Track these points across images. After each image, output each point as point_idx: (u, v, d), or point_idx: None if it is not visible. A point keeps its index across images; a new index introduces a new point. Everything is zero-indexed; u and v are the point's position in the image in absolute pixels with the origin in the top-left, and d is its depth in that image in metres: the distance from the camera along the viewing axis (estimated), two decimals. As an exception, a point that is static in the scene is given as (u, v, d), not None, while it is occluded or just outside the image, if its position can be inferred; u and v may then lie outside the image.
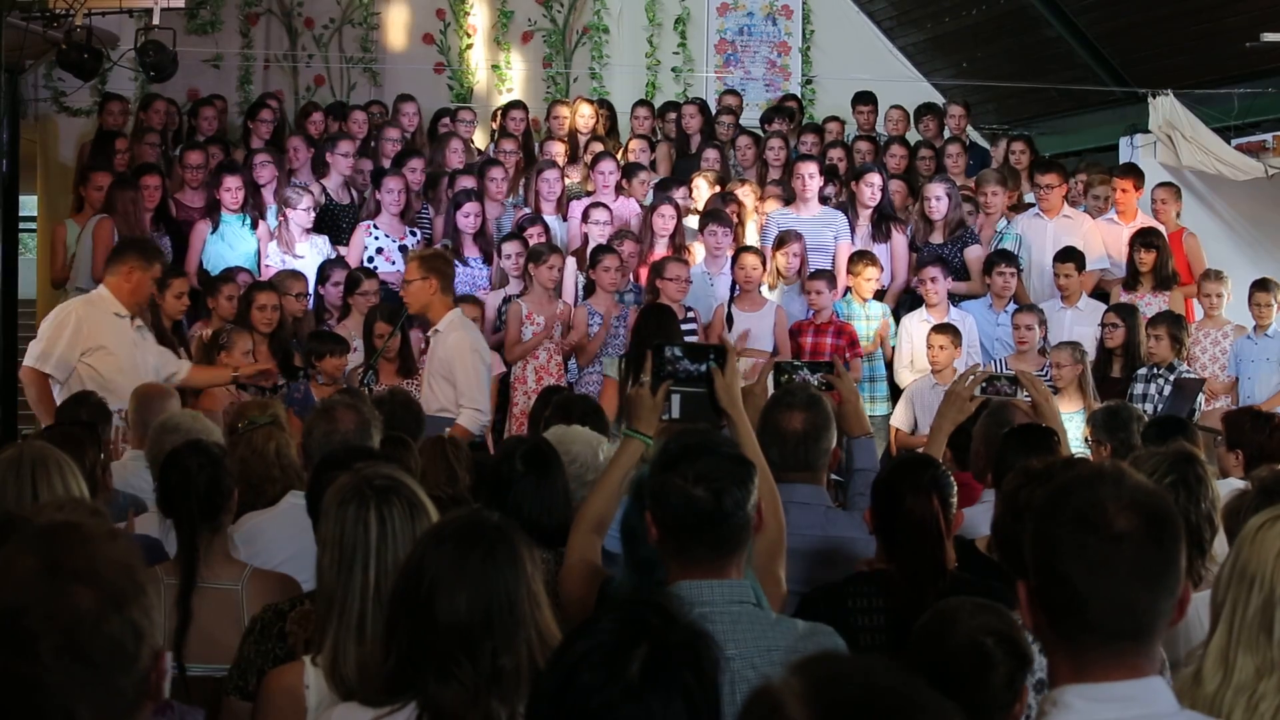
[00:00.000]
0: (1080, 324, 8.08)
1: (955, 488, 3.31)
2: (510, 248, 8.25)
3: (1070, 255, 8.28)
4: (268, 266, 8.42)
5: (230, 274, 7.85)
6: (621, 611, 1.68)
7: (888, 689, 1.41)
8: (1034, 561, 1.98)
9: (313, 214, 8.52)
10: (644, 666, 1.60)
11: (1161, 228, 8.65)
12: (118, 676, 1.56)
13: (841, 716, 1.37)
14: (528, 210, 9.10)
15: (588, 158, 9.64)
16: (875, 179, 8.82)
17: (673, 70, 12.45)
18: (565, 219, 9.08)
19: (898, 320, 8.36)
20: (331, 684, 2.60)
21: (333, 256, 8.48)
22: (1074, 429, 7.14)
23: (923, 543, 3.12)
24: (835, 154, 9.79)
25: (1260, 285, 8.05)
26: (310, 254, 8.46)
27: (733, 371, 3.26)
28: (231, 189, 8.49)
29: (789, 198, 8.95)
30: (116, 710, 1.57)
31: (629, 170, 9.40)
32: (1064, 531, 1.94)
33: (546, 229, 8.67)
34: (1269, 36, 9.08)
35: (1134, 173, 9.22)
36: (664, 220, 8.49)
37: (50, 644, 1.52)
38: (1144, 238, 8.37)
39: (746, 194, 9.12)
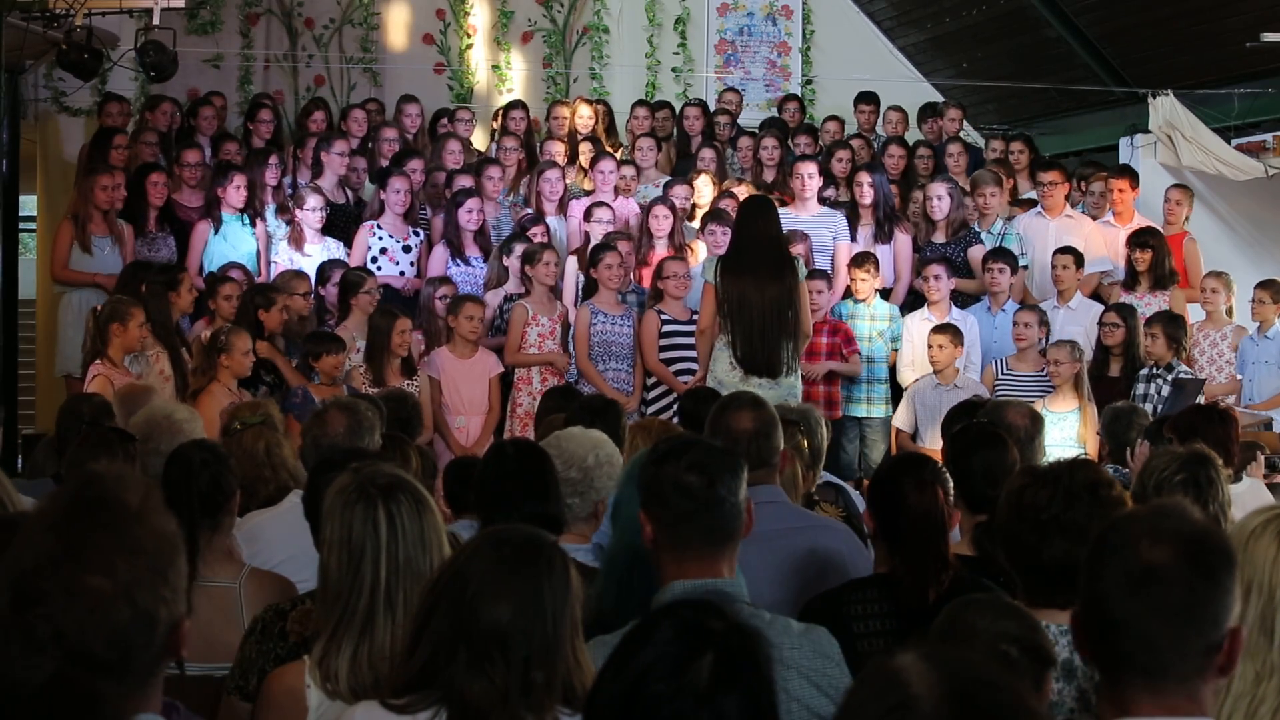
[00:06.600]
0: (1071, 323, 8.06)
1: (951, 484, 3.36)
2: (521, 247, 8.12)
3: (1069, 249, 8.28)
4: (275, 263, 8.40)
5: (226, 272, 7.81)
6: (679, 619, 1.69)
7: (1010, 686, 1.42)
8: (1081, 585, 2.02)
9: (321, 213, 8.48)
10: (713, 673, 1.62)
11: (1159, 227, 8.64)
12: (129, 659, 1.64)
13: (970, 707, 1.38)
14: (529, 210, 9.08)
15: (586, 160, 9.63)
16: (864, 177, 8.78)
17: (673, 70, 12.43)
18: (566, 219, 9.07)
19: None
20: (321, 681, 2.60)
21: (339, 258, 8.43)
22: (1069, 428, 7.16)
23: (928, 537, 3.14)
24: (843, 154, 9.67)
25: (1261, 286, 8.06)
26: (319, 255, 8.39)
27: None
28: (240, 186, 8.46)
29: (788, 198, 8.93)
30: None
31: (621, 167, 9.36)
32: (1106, 558, 1.98)
33: (548, 229, 8.66)
34: (1269, 36, 9.07)
35: (1130, 174, 9.23)
36: (659, 221, 8.46)
37: (58, 627, 1.59)
38: (1139, 238, 8.37)
39: (744, 194, 9.08)
